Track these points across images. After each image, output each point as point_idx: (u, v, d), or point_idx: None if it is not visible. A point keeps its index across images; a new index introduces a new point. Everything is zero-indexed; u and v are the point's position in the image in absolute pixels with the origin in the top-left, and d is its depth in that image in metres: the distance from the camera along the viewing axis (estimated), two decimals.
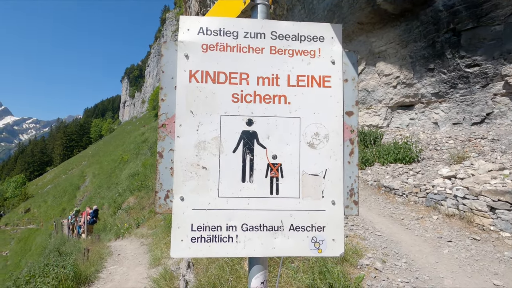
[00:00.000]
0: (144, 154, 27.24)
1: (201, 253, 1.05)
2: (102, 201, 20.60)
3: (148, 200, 13.46)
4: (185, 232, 1.05)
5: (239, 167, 1.09)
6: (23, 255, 22.15)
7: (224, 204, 1.07)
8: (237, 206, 1.08)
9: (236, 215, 1.07)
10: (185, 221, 1.06)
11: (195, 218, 1.06)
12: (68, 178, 39.86)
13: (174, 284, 4.70)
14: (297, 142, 1.12)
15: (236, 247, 1.06)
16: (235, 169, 1.09)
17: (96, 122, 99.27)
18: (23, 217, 30.15)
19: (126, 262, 6.87)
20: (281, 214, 1.08)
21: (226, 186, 1.08)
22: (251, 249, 1.06)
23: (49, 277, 5.07)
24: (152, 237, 8.76)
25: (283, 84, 1.14)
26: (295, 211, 1.09)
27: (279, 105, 1.13)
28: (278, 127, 1.12)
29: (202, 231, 1.06)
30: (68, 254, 6.82)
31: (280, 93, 1.14)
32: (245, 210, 1.08)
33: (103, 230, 14.55)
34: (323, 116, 1.14)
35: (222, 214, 1.07)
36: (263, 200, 1.09)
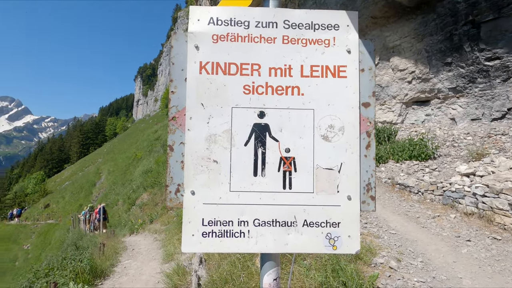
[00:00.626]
0: (157, 151, 27.67)
1: (212, 248, 1.03)
2: (117, 198, 21.11)
3: (161, 196, 13.66)
4: (196, 227, 1.04)
5: (251, 161, 1.06)
6: (43, 248, 22.99)
7: (236, 198, 1.05)
8: (249, 201, 1.05)
9: (248, 210, 1.04)
10: (196, 215, 1.04)
11: (206, 213, 1.04)
12: (84, 175, 41.07)
13: (187, 279, 4.75)
14: (310, 135, 1.08)
15: (248, 243, 1.03)
16: (246, 163, 1.06)
17: (111, 121, 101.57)
18: (42, 212, 31.28)
19: (140, 257, 7.00)
20: (294, 209, 1.05)
21: (238, 180, 1.06)
22: (263, 245, 1.03)
23: (66, 270, 5.23)
24: (165, 233, 8.90)
25: (296, 74, 1.10)
26: (309, 206, 1.05)
27: (292, 96, 1.09)
28: (291, 120, 1.08)
29: (213, 226, 1.04)
30: (85, 248, 7.02)
31: (293, 84, 1.10)
32: (257, 205, 1.05)
33: (118, 225, 14.92)
34: (338, 107, 1.09)
35: (233, 208, 1.04)
36: (275, 194, 1.05)
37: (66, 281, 4.72)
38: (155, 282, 5.22)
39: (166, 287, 4.72)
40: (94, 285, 5.30)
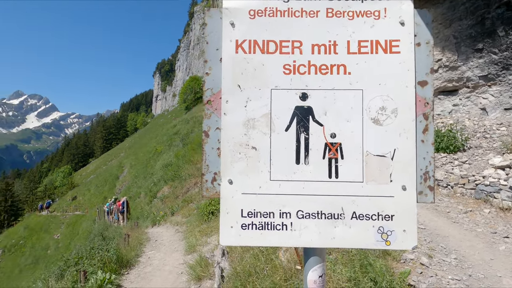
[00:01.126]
0: (176, 145, 28.18)
1: (253, 241, 0.96)
2: (139, 190, 21.78)
3: (182, 189, 13.91)
4: (234, 218, 0.97)
5: (293, 147, 0.97)
6: (72, 238, 24.24)
7: (277, 188, 0.97)
8: (291, 191, 0.96)
9: (290, 200, 0.96)
10: (234, 206, 0.97)
11: (245, 203, 0.97)
12: (108, 168, 42.70)
13: (210, 271, 4.78)
14: (359, 118, 0.97)
15: (291, 236, 0.95)
16: (288, 150, 0.97)
17: (132, 116, 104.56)
18: (70, 204, 32.91)
19: (163, 248, 7.16)
20: (341, 200, 0.95)
21: (279, 168, 0.97)
22: (307, 238, 0.95)
23: (94, 259, 5.42)
24: (186, 225, 9.05)
25: (342, 51, 0.99)
26: (358, 197, 0.95)
27: (337, 76, 0.99)
28: (337, 101, 0.98)
29: (253, 218, 0.96)
30: (111, 239, 7.26)
31: (338, 62, 0.99)
32: (300, 195, 0.96)
33: (140, 217, 15.38)
34: (390, 87, 0.97)
35: (274, 199, 0.96)
36: (320, 184, 0.96)
37: (95, 270, 4.89)
38: (178, 273, 5.31)
39: (190, 278, 4.78)
40: (121, 274, 5.47)
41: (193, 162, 17.04)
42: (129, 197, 21.82)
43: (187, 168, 16.44)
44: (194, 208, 10.63)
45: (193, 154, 18.63)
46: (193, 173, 15.10)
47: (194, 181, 13.97)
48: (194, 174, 14.84)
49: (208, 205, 8.27)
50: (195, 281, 4.65)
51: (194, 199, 11.98)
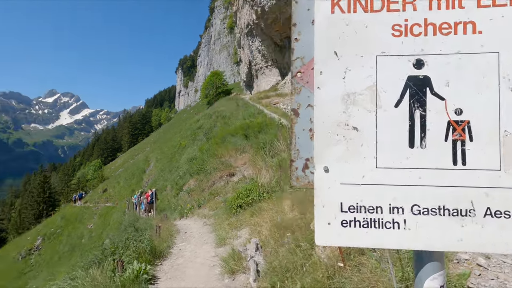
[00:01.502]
0: (200, 139, 28.60)
1: (356, 242, 0.79)
2: (165, 183, 22.38)
3: (207, 183, 14.05)
4: (333, 213, 0.81)
5: (405, 127, 0.79)
6: (104, 228, 25.50)
7: (385, 177, 0.79)
8: (403, 181, 0.78)
9: (403, 192, 0.78)
10: (331, 198, 0.81)
11: (345, 195, 0.80)
12: (135, 162, 44.38)
13: (243, 264, 4.71)
14: (494, 89, 0.76)
15: (405, 236, 0.77)
16: (398, 130, 0.79)
17: (156, 112, 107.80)
18: (101, 196, 34.63)
19: (193, 240, 7.22)
20: (470, 193, 0.76)
21: (387, 153, 0.79)
22: (426, 240, 0.77)
23: (129, 249, 5.54)
24: (214, 218, 9.09)
25: (470, 5, 0.78)
26: (494, 189, 0.75)
27: (463, 36, 0.78)
28: (463, 69, 0.78)
29: (355, 213, 0.79)
30: (143, 230, 7.43)
31: (465, 19, 0.78)
32: (416, 187, 0.78)
33: (167, 209, 15.78)
34: None
35: (382, 190, 0.79)
36: (442, 172, 0.77)
37: (131, 260, 4.99)
38: (210, 265, 5.29)
39: (223, 271, 4.74)
40: (155, 264, 5.56)
41: (218, 156, 17.16)
42: (155, 190, 22.52)
43: (211, 161, 16.59)
44: (221, 201, 10.67)
45: (217, 148, 18.76)
46: (218, 166, 15.20)
47: (219, 175, 14.05)
48: (219, 167, 14.93)
49: (236, 199, 8.23)
50: (229, 275, 4.60)
51: (220, 193, 12.05)
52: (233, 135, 20.34)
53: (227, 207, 8.83)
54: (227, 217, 8.23)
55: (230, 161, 15.49)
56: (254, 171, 11.98)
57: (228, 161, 15.65)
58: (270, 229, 5.27)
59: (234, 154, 16.57)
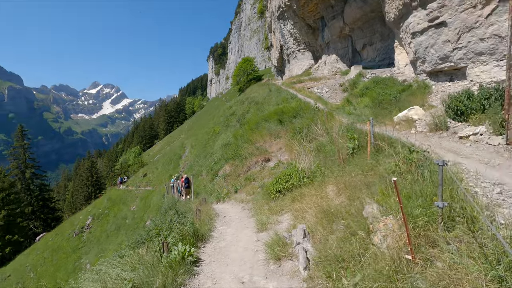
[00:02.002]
0: (233, 126, 28.75)
1: None
2: (200, 169, 22.96)
3: (243, 168, 14.02)
4: None
5: None
6: (145, 210, 27.09)
7: None
8: None
9: None
10: None
11: None
12: (171, 149, 46.26)
13: (288, 250, 4.48)
14: None
15: None
16: None
17: (189, 100, 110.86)
18: (142, 180, 36.74)
19: (233, 224, 7.17)
20: None
21: None
22: None
23: (173, 231, 5.59)
24: (252, 203, 9.00)
25: None
26: None
27: None
28: None
29: None
30: (184, 213, 7.53)
31: None
32: None
33: (204, 193, 16.14)
34: None
35: None
36: None
37: (175, 242, 5.01)
38: (253, 250, 5.15)
39: (268, 257, 4.56)
40: (198, 247, 5.56)
41: (252, 141, 17.04)
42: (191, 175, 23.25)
43: (246, 147, 16.54)
44: (258, 186, 10.55)
45: (251, 134, 18.64)
46: (252, 152, 15.09)
47: (254, 160, 13.93)
48: (254, 153, 14.81)
49: (275, 184, 8.01)
50: (274, 261, 4.41)
51: (256, 178, 11.93)
52: (267, 121, 20.04)
53: (265, 192, 8.66)
54: (266, 202, 8.07)
55: (265, 147, 15.28)
56: (291, 156, 11.65)
57: (263, 146, 15.46)
58: (316, 215, 4.96)
59: (268, 139, 16.32)
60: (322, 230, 4.28)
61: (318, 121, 12.95)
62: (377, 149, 7.53)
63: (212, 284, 4.05)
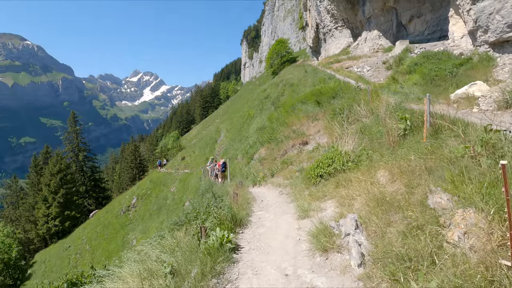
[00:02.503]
0: (268, 109, 28.21)
1: None
2: (235, 152, 23.00)
3: (279, 151, 13.59)
4: None
5: None
6: (184, 192, 28.20)
7: None
8: None
9: None
10: None
11: None
12: (207, 133, 47.28)
13: (336, 242, 4.00)
14: None
15: None
16: None
17: (223, 85, 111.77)
18: (180, 163, 38.21)
19: (271, 209, 6.84)
20: None
21: None
22: None
23: (211, 215, 5.40)
24: (290, 187, 8.58)
25: None
26: None
27: None
28: None
29: None
30: (221, 196, 7.36)
31: None
32: None
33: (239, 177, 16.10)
34: None
35: None
36: None
37: (213, 227, 4.79)
38: (295, 238, 4.76)
39: (313, 247, 4.13)
40: (236, 232, 5.32)
41: (288, 124, 16.43)
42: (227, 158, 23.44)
43: (282, 130, 16.00)
44: (295, 170, 10.07)
45: (287, 117, 17.99)
46: (289, 135, 14.53)
47: (291, 143, 13.40)
48: (291, 136, 14.24)
49: (316, 168, 7.45)
50: (320, 252, 3.97)
51: (294, 161, 11.44)
52: (303, 103, 19.17)
53: (304, 177, 8.16)
54: (306, 187, 7.59)
55: (301, 130, 14.61)
56: (331, 139, 10.90)
57: (300, 129, 14.79)
58: (367, 203, 4.38)
59: (305, 122, 15.57)
60: (378, 221, 3.71)
61: (360, 101, 11.92)
62: (435, 130, 6.57)
63: (252, 274, 3.75)
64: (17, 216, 41.60)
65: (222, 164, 16.15)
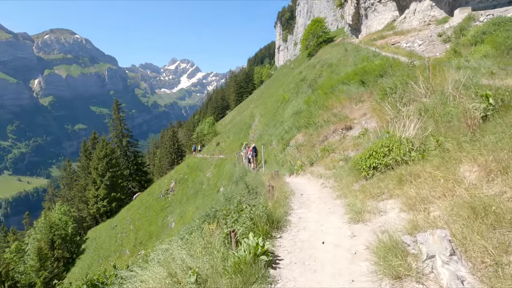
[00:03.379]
0: (304, 92, 26.57)
1: None
2: (270, 138, 22.03)
3: (318, 137, 12.31)
4: None
5: None
6: (219, 177, 28.17)
7: None
8: None
9: None
10: None
11: None
12: (241, 118, 46.78)
13: (413, 266, 2.87)
14: None
15: None
16: None
17: (257, 69, 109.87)
18: (215, 148, 38.37)
19: (313, 206, 5.80)
20: None
21: None
22: None
23: (243, 215, 4.53)
24: (333, 179, 7.41)
25: None
26: None
27: None
28: None
29: None
30: (255, 188, 6.48)
31: None
32: None
33: (274, 164, 15.15)
34: None
35: None
36: None
37: (245, 232, 3.92)
38: (349, 250, 3.71)
39: (378, 269, 3.05)
40: (272, 237, 4.40)
41: (328, 107, 14.92)
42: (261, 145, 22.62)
43: (321, 114, 14.57)
44: (339, 159, 8.81)
45: (326, 99, 16.42)
46: (329, 119, 13.11)
47: (332, 128, 12.01)
48: (332, 120, 12.81)
49: (368, 158, 6.17)
50: (390, 279, 2.87)
51: (336, 148, 10.14)
52: (345, 83, 17.35)
53: (351, 168, 6.93)
54: (354, 179, 6.38)
55: (344, 113, 13.07)
56: (381, 123, 9.36)
57: (341, 112, 13.26)
58: (456, 212, 3.13)
59: (348, 104, 13.95)
60: (485, 243, 2.49)
61: (417, 79, 10.09)
62: None
63: None
64: (71, 196, 45.68)
65: (253, 148, 16.14)
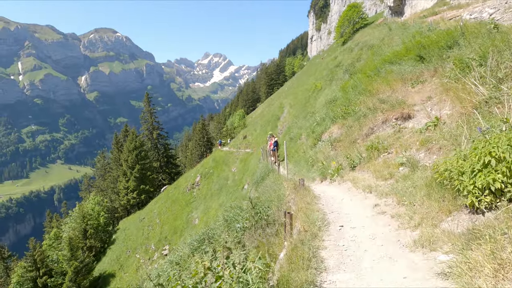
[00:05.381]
0: (340, 79, 23.09)
1: None
2: (299, 131, 19.17)
3: (360, 130, 9.31)
4: None
5: None
6: (244, 173, 26.00)
7: None
8: None
9: None
10: None
11: None
12: (270, 110, 44.09)
13: None
14: None
15: None
16: None
17: (289, 61, 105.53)
18: (242, 142, 36.31)
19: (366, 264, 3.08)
20: None
21: None
22: None
23: None
24: (395, 199, 4.57)
25: None
26: None
27: None
28: None
29: None
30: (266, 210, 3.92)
31: None
32: None
33: (303, 163, 12.41)
34: None
35: None
36: None
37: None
38: None
39: None
40: None
41: (372, 92, 11.72)
42: (290, 139, 19.88)
43: (363, 100, 11.44)
44: (398, 163, 5.87)
45: (369, 83, 13.16)
46: (375, 106, 9.98)
47: (380, 118, 8.95)
48: (379, 107, 9.68)
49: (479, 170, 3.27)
50: None
51: (390, 146, 7.15)
52: (393, 63, 13.84)
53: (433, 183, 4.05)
54: (443, 208, 3.54)
55: (395, 97, 9.83)
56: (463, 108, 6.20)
57: (393, 97, 10.02)
58: None
59: (400, 86, 10.61)
60: None
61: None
62: None
63: None
64: (105, 186, 46.92)
65: (274, 143, 15.21)
